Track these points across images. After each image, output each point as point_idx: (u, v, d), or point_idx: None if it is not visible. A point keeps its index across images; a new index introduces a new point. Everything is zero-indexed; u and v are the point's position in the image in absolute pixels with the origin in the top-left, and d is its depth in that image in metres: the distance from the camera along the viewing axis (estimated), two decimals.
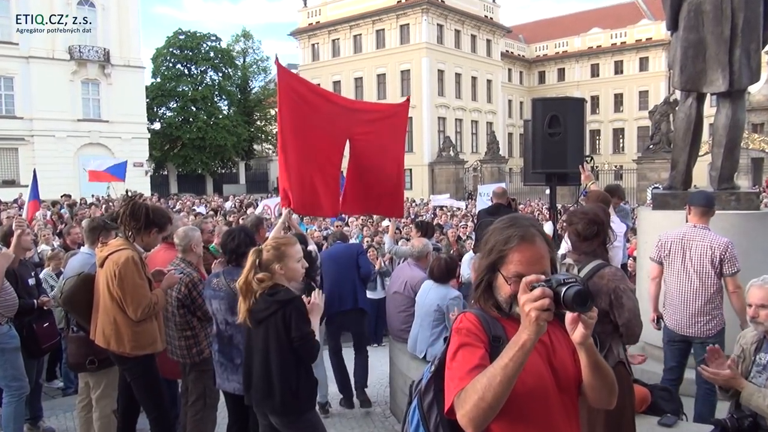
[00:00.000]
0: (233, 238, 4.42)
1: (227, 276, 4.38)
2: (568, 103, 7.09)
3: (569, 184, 7.63)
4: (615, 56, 61.87)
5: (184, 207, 20.55)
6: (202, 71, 51.41)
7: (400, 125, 7.33)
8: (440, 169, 45.19)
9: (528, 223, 2.01)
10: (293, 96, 6.08)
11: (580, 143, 6.90)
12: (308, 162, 6.19)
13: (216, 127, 48.84)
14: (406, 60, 49.56)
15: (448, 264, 5.70)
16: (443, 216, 18.79)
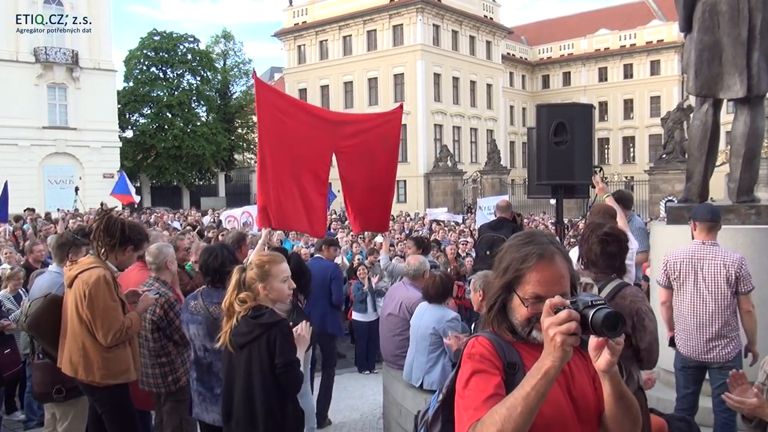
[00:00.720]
0: (215, 256, 4.41)
1: (206, 298, 4.37)
2: (575, 110, 7.13)
3: (577, 197, 7.66)
4: (624, 59, 62.40)
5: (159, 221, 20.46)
6: (178, 75, 51.47)
7: (392, 134, 7.38)
8: (437, 181, 45.29)
9: (547, 240, 2.00)
10: (273, 111, 6.21)
11: (589, 153, 6.94)
12: (290, 179, 6.28)
13: (193, 135, 48.84)
14: (399, 63, 49.82)
15: (443, 281, 5.70)
16: (440, 231, 18.79)
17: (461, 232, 19.17)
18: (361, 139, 6.93)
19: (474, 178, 46.22)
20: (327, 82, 54.05)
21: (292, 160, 6.28)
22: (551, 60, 67.02)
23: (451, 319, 5.54)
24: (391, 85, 50.58)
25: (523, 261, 1.95)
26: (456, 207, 42.02)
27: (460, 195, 45.28)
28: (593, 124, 7.14)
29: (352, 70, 52.34)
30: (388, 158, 7.28)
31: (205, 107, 53.70)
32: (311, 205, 6.48)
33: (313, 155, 6.48)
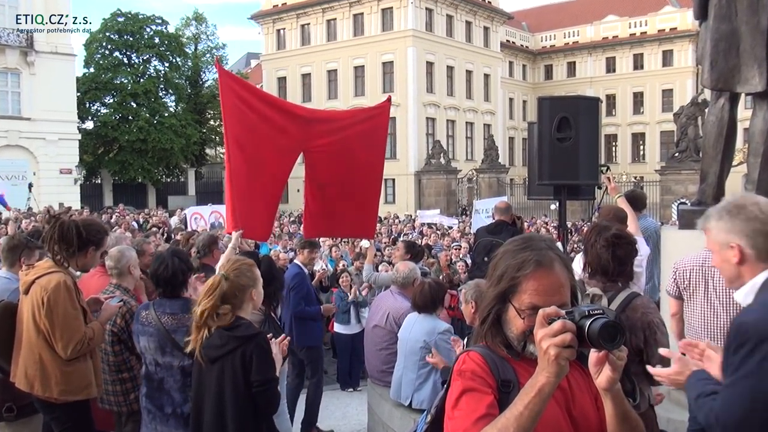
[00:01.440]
0: (165, 265, 4.39)
1: (158, 308, 4.37)
2: (580, 103, 7.17)
3: (581, 198, 7.70)
4: (634, 48, 62.78)
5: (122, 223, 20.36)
6: (144, 60, 51.23)
7: (378, 131, 7.42)
8: (429, 180, 45.37)
9: (545, 246, 2.01)
10: (237, 105, 6.26)
11: (595, 150, 6.98)
12: (250, 178, 6.36)
13: (160, 127, 48.62)
14: (388, 50, 49.88)
15: (432, 289, 5.72)
16: (432, 235, 18.82)
17: (455, 237, 19.20)
18: (337, 138, 6.97)
19: (469, 177, 46.35)
20: (309, 70, 54.02)
21: (254, 159, 6.34)
22: (554, 48, 67.31)
23: (443, 331, 5.55)
24: (379, 74, 50.63)
25: (519, 268, 1.96)
26: (449, 209, 42.11)
27: (454, 195, 45.39)
28: (600, 119, 7.19)
29: (336, 58, 52.35)
30: (372, 157, 7.32)
31: (174, 96, 53.46)
32: (262, 206, 6.57)
33: (275, 155, 6.53)
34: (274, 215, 7.13)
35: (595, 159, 6.96)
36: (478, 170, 45.78)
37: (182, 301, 4.38)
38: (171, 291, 4.38)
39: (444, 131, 52.35)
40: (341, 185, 7.05)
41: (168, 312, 4.32)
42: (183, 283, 4.39)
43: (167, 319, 4.29)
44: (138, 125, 47.53)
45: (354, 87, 51.93)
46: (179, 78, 53.74)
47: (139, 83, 49.14)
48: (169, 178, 55.76)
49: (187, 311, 4.28)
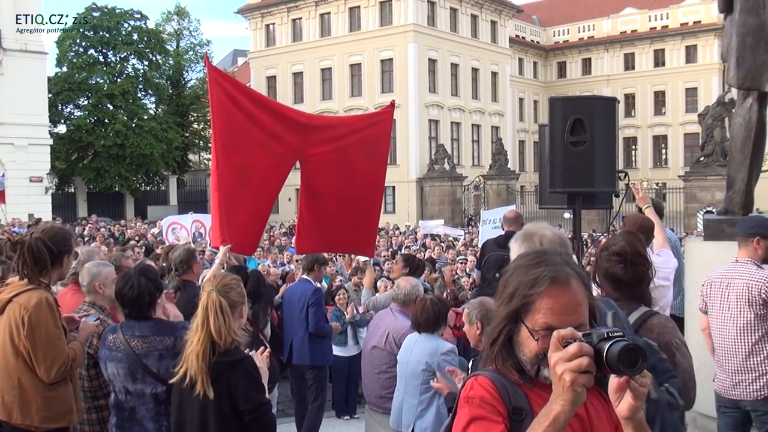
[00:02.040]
0: (131, 285, 4.37)
1: (126, 331, 4.34)
2: (595, 104, 7.17)
3: (597, 207, 7.70)
4: (654, 44, 62.97)
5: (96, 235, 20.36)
6: (121, 59, 51.37)
7: (380, 139, 7.44)
8: (431, 187, 45.40)
9: (561, 261, 2.01)
10: (227, 107, 6.25)
11: (612, 155, 6.97)
12: (238, 187, 6.38)
13: (139, 130, 48.67)
14: (387, 46, 50.00)
15: (435, 306, 5.71)
16: (436, 248, 18.81)
17: (461, 250, 19.20)
18: (336, 146, 6.99)
19: (476, 185, 46.38)
20: (300, 69, 54.13)
21: (244, 167, 6.36)
22: (568, 44, 67.49)
23: (446, 351, 5.54)
24: (377, 73, 50.74)
25: (533, 285, 1.95)
26: (454, 219, 42.12)
27: (460, 204, 45.41)
28: (617, 120, 7.20)
29: (330, 55, 52.46)
30: (373, 168, 7.35)
31: (154, 98, 53.58)
32: (250, 219, 6.59)
33: (268, 163, 6.54)
34: (263, 228, 7.16)
35: (612, 164, 6.95)
36: (485, 177, 45.80)
37: (152, 322, 4.35)
38: (137, 312, 4.35)
39: (448, 134, 52.40)
40: (339, 197, 7.08)
41: (138, 335, 4.29)
42: (150, 304, 4.35)
43: (137, 342, 4.26)
44: (115, 129, 47.56)
45: (350, 87, 52.03)
46: (160, 77, 53.85)
47: (116, 83, 49.21)
48: (149, 187, 55.79)
49: (159, 333, 4.28)
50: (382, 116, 7.65)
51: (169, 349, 4.23)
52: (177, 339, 4.20)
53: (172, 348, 4.22)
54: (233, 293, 3.80)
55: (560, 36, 68.48)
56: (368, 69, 51.13)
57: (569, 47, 67.32)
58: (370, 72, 51.01)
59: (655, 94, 63.60)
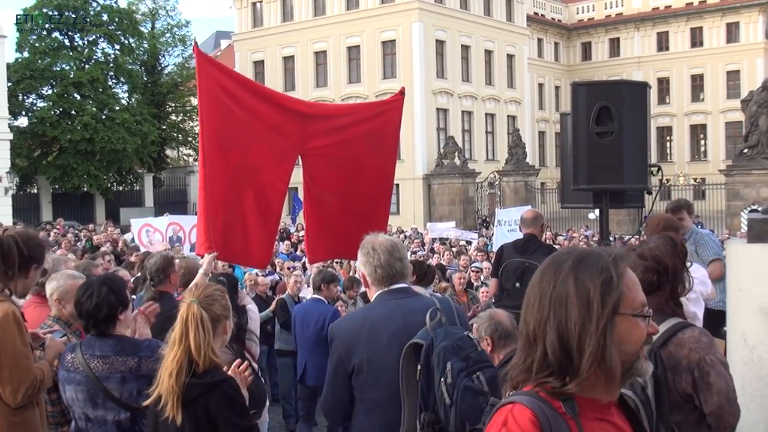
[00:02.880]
0: (90, 295, 4.35)
1: (86, 350, 4.32)
2: (624, 89, 7.16)
3: (627, 206, 7.69)
4: (691, 21, 62.97)
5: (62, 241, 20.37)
6: (90, 42, 51.39)
7: (390, 129, 7.45)
8: (440, 185, 45.38)
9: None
10: (219, 97, 6.27)
11: (643, 147, 6.97)
12: (238, 189, 6.35)
13: (110, 123, 48.70)
14: (389, 26, 50.03)
15: None
16: (446, 253, 18.81)
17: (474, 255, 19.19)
18: (340, 138, 7.00)
19: (491, 182, 46.36)
20: (291, 52, 54.20)
21: (241, 165, 6.36)
22: (593, 22, 67.50)
23: None
24: (378, 57, 50.80)
25: (615, 267, 2.01)
26: (466, 220, 42.11)
27: (472, 204, 45.38)
28: (649, 108, 7.19)
29: (325, 36, 52.51)
30: (381, 163, 7.37)
31: (127, 86, 53.58)
32: (257, 225, 6.57)
33: (271, 159, 6.54)
34: (275, 234, 7.15)
35: (643, 157, 6.95)
36: (500, 172, 45.78)
37: (114, 340, 4.31)
38: (95, 327, 4.32)
39: (459, 125, 52.45)
40: (344, 196, 7.10)
41: (98, 355, 4.26)
42: (110, 318, 4.29)
43: (97, 363, 4.23)
44: (83, 122, 47.58)
45: (347, 72, 52.10)
46: (133, 63, 53.87)
47: (84, 70, 49.24)
48: (122, 187, 55.85)
49: (122, 353, 4.24)
50: (390, 105, 7.64)
51: (133, 370, 4.21)
52: (142, 360, 4.19)
53: (136, 369, 4.20)
54: (217, 306, 3.79)
55: (584, 13, 68.51)
56: (368, 52, 51.18)
57: (595, 26, 67.32)
58: (370, 55, 51.06)
59: (692, 78, 63.63)
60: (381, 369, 3.96)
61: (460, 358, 3.61)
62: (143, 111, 51.95)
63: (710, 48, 62.16)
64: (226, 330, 3.89)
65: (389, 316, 4.07)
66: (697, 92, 63.71)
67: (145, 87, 55.21)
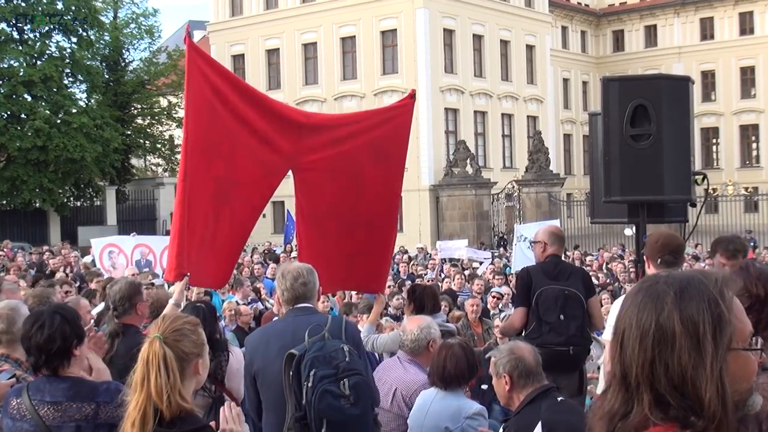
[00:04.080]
0: (40, 325, 4.29)
1: (34, 394, 4.30)
2: (663, 85, 7.20)
3: (668, 221, 7.72)
4: (740, 5, 63.10)
5: (11, 266, 20.39)
6: (42, 35, 51.47)
7: (398, 139, 7.49)
8: (450, 197, 45.41)
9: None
10: (211, 99, 6.30)
11: (686, 152, 7.00)
12: (216, 205, 6.41)
13: (66, 128, 48.73)
14: (389, 13, 50.18)
15: (467, 355, 5.75)
16: (457, 276, 18.81)
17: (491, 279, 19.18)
18: (340, 150, 7.04)
19: (508, 193, 46.41)
20: (276, 44, 54.39)
21: (222, 178, 6.39)
22: (626, 7, 67.70)
23: (473, 414, 5.57)
24: (377, 49, 50.95)
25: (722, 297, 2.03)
26: (481, 237, 42.10)
27: (487, 219, 45.39)
28: (692, 106, 7.22)
29: (315, 26, 52.64)
30: (387, 177, 7.41)
31: (85, 85, 53.62)
32: (224, 242, 6.64)
33: (254, 172, 6.61)
34: (238, 255, 7.18)
35: (686, 164, 6.98)
36: (520, 182, 45.82)
37: (68, 383, 4.27)
38: (46, 364, 4.29)
39: (471, 128, 52.56)
40: (341, 218, 7.15)
41: (48, 401, 4.23)
42: (64, 353, 4.26)
43: (47, 410, 4.20)
44: (34, 126, 47.62)
45: (341, 67, 52.24)
46: (92, 59, 53.90)
47: (36, 67, 49.32)
48: (80, 202, 55.76)
49: (76, 398, 4.21)
50: (398, 111, 7.68)
51: (90, 419, 4.18)
52: (100, 406, 4.17)
53: (93, 417, 4.18)
54: (186, 342, 3.74)
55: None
56: (365, 44, 51.30)
57: (628, 11, 67.52)
58: (368, 48, 51.19)
59: (741, 71, 63.78)
60: (272, 375, 5.23)
61: (330, 366, 4.97)
62: (104, 114, 51.92)
63: (763, 36, 62.31)
64: (199, 370, 3.82)
65: (282, 331, 5.45)
66: (748, 87, 63.86)
67: (106, 86, 55.20)
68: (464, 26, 51.96)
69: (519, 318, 8.25)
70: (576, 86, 65.89)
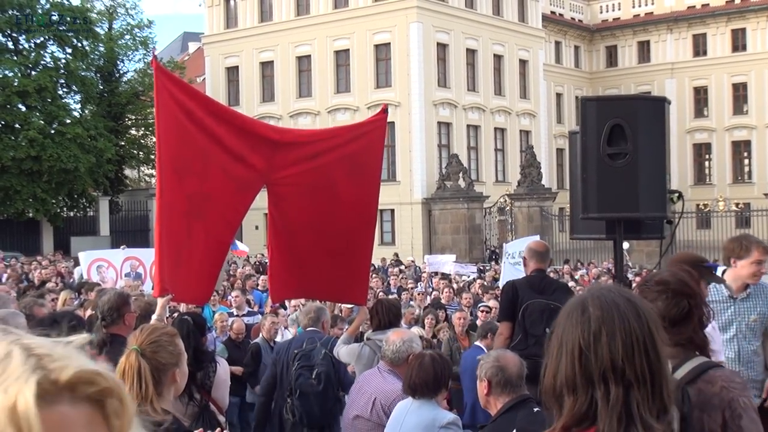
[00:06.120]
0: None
1: None
2: (639, 105, 7.31)
3: (644, 238, 7.84)
4: (732, 21, 63.25)
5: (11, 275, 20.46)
6: (37, 45, 51.49)
7: (371, 153, 7.63)
8: (442, 211, 45.42)
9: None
10: (178, 118, 6.45)
11: (661, 170, 7.11)
12: (190, 221, 6.55)
13: (60, 138, 48.71)
14: (383, 27, 50.23)
15: (435, 364, 5.82)
16: (445, 290, 18.93)
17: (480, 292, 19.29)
18: (313, 165, 7.17)
19: (501, 207, 46.43)
20: (270, 57, 54.42)
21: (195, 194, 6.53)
22: (619, 23, 67.81)
23: (446, 423, 5.65)
24: (370, 62, 51.01)
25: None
26: (473, 252, 42.17)
27: (479, 233, 45.40)
28: (668, 125, 7.36)
29: (309, 38, 52.65)
30: (362, 192, 7.54)
31: (80, 95, 53.60)
32: (201, 259, 6.77)
33: (227, 187, 6.74)
34: (219, 271, 7.33)
35: (662, 182, 7.10)
36: (512, 196, 45.82)
37: None
38: None
39: (464, 141, 52.59)
40: (318, 230, 7.26)
41: None
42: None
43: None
44: (28, 137, 47.60)
45: (335, 80, 52.25)
46: (87, 70, 53.90)
47: (30, 77, 49.30)
48: (73, 212, 55.64)
49: None
50: (371, 126, 7.81)
51: None
52: None
53: None
54: (163, 353, 3.90)
55: (609, 12, 68.87)
56: (359, 57, 51.30)
57: (621, 27, 67.62)
58: (361, 61, 51.19)
59: (734, 88, 63.84)
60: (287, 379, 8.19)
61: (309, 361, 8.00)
62: (98, 124, 51.91)
63: (755, 53, 62.35)
64: (176, 378, 3.97)
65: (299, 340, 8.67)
66: (740, 104, 63.91)
67: (100, 97, 55.23)
68: (458, 41, 52.04)
69: (506, 332, 8.40)
70: (569, 101, 65.88)
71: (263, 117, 50.40)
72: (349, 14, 51.43)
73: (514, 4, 56.60)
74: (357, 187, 7.44)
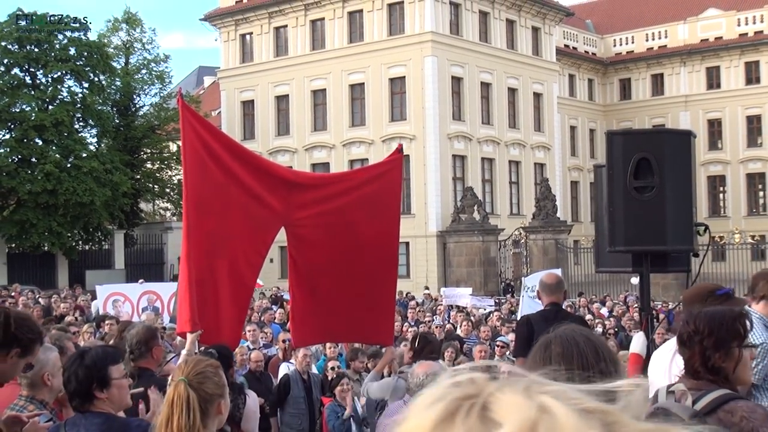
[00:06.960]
0: (67, 367, 4.51)
1: (71, 428, 4.44)
2: (666, 138, 7.32)
3: (671, 270, 7.82)
4: (745, 54, 63.33)
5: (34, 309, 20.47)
6: (54, 80, 51.72)
7: (390, 193, 7.66)
8: (457, 244, 45.37)
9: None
10: (202, 154, 6.51)
11: (688, 203, 7.10)
12: (210, 259, 6.56)
13: (76, 172, 48.82)
14: (398, 60, 50.43)
15: None
16: (463, 323, 18.89)
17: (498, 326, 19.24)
18: (332, 206, 7.21)
19: (516, 239, 46.34)
20: (285, 91, 54.63)
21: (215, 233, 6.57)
22: (633, 56, 67.86)
23: None
24: (385, 96, 51.15)
25: None
26: (488, 285, 42.02)
27: (494, 266, 45.27)
28: (694, 159, 7.35)
29: (324, 72, 52.87)
30: (382, 231, 7.56)
31: (96, 129, 53.78)
32: (228, 301, 6.77)
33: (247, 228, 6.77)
34: (246, 311, 7.34)
35: (688, 215, 7.08)
36: (527, 229, 45.76)
37: (102, 418, 4.39)
38: (71, 401, 4.45)
39: (478, 174, 52.60)
40: (340, 272, 7.29)
41: None
42: (83, 394, 4.42)
43: None
44: (45, 170, 47.71)
45: (350, 114, 52.40)
46: (103, 104, 54.10)
47: (47, 111, 49.45)
48: (88, 245, 55.74)
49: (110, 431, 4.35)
50: (388, 166, 7.86)
51: None
52: None
53: None
54: (209, 384, 3.89)
55: (623, 46, 68.93)
56: (373, 91, 51.45)
57: (634, 60, 67.70)
58: (376, 94, 51.32)
59: (747, 120, 63.81)
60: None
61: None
62: (114, 158, 52.02)
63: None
64: (221, 410, 3.97)
65: None
66: (754, 136, 63.78)
67: (116, 131, 55.39)
68: (472, 74, 52.16)
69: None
70: (583, 134, 65.97)
71: (278, 150, 50.72)
72: (364, 48, 51.61)
73: (528, 38, 56.79)
74: (377, 227, 7.48)
